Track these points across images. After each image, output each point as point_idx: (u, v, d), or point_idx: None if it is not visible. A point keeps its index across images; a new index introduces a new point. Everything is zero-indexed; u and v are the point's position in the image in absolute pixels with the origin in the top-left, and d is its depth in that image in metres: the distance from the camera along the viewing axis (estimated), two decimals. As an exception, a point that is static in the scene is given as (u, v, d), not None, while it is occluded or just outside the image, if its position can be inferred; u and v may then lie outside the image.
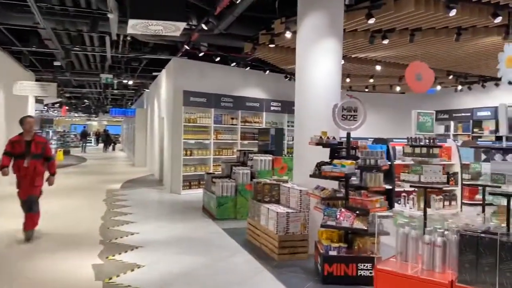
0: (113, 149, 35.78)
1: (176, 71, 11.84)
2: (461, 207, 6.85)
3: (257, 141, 12.83)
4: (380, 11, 6.77)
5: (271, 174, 8.40)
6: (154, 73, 15.20)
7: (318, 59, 6.06)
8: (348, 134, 5.03)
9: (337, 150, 5.25)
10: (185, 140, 11.43)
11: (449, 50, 9.46)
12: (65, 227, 7.38)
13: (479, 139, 13.59)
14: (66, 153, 27.73)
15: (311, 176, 5.16)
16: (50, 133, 27.46)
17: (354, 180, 4.89)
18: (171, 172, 11.74)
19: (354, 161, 4.75)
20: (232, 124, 12.46)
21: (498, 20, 6.75)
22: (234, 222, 7.94)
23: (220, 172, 9.96)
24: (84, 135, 34.41)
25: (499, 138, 11.92)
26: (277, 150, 9.40)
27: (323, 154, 5.71)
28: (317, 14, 6.10)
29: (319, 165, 4.98)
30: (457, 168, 7.26)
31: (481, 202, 4.52)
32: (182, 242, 6.53)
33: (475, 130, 14.33)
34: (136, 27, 6.38)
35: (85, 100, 26.93)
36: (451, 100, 15.64)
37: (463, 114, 14.95)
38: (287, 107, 13.19)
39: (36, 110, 34.14)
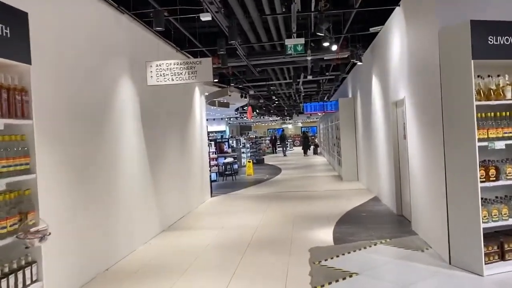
0: (315, 152, 31.01)
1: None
2: None
3: None
4: None
5: None
6: (372, 29, 8.81)
7: None
8: None
9: None
10: (481, 143, 4.68)
11: None
12: None
13: None
14: (259, 162, 23.85)
15: None
16: (241, 140, 24.06)
17: None
18: (450, 217, 5.08)
19: None
20: None
21: None
22: None
23: None
24: (283, 138, 33.19)
25: None
26: None
27: None
28: None
29: None
30: None
31: None
32: None
33: None
34: None
35: (274, 97, 22.39)
36: None
37: None
38: None
39: (224, 117, 32.41)
